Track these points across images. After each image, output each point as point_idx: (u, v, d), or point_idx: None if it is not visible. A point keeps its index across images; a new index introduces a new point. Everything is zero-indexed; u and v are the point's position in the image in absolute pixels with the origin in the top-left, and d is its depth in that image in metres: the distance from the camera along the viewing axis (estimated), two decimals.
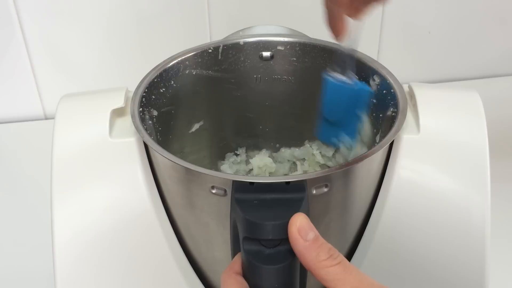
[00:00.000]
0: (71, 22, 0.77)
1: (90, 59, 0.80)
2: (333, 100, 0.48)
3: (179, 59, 0.51)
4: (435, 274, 0.47)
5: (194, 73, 0.53)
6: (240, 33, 0.55)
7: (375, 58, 0.51)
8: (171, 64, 0.51)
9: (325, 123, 0.49)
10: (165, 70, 0.51)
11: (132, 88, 0.49)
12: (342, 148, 0.49)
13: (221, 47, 0.53)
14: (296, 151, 0.58)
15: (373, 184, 0.47)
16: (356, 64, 0.47)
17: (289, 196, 0.38)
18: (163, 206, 0.48)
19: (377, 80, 0.49)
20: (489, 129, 0.47)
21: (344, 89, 0.47)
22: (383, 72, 0.49)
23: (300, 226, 0.35)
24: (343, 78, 0.47)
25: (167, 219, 0.48)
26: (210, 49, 0.53)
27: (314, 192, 0.40)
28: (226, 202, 0.40)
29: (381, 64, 0.50)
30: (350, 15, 0.44)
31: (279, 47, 0.54)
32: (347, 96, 0.47)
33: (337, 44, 0.52)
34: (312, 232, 0.35)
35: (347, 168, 0.41)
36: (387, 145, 0.43)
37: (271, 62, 0.54)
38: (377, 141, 0.49)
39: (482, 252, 0.46)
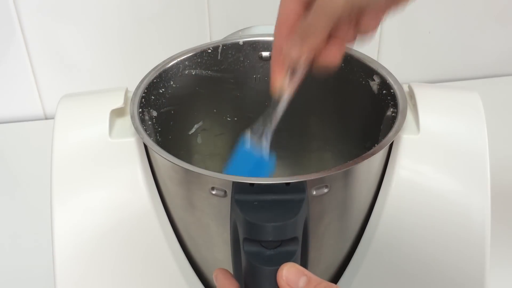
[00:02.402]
0: (71, 22, 0.77)
1: (90, 59, 0.80)
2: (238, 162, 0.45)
3: (178, 59, 0.51)
4: (435, 274, 0.47)
5: (193, 73, 0.53)
6: (240, 33, 0.55)
7: (375, 58, 0.51)
8: (170, 64, 0.51)
9: None
10: (164, 71, 0.51)
11: (132, 88, 0.49)
12: None
13: (220, 47, 0.53)
14: None
15: (373, 185, 0.47)
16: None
17: (289, 197, 0.38)
18: (163, 206, 0.48)
19: (377, 80, 0.49)
20: (489, 129, 0.47)
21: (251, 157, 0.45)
22: (383, 72, 0.49)
23: (286, 277, 0.35)
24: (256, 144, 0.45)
25: (167, 220, 0.48)
26: (209, 49, 0.53)
27: (314, 193, 0.40)
28: (226, 203, 0.40)
29: (381, 64, 0.50)
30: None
31: None
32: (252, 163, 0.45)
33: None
34: (303, 277, 0.35)
35: (347, 168, 0.41)
36: (387, 146, 0.43)
37: None
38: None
39: (482, 252, 0.46)
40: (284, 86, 0.43)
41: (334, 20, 0.38)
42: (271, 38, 0.54)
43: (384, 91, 0.49)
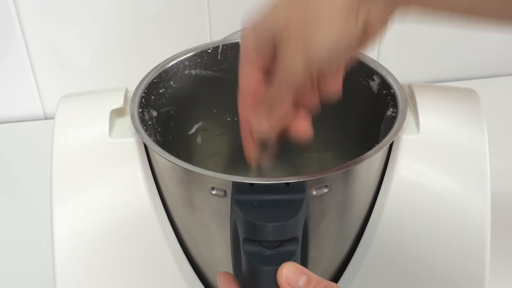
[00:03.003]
0: (71, 22, 0.77)
1: (90, 59, 0.80)
2: None
3: (178, 59, 0.51)
4: (435, 274, 0.47)
5: (193, 73, 0.53)
6: (240, 33, 0.55)
7: (375, 58, 0.51)
8: (170, 64, 0.51)
9: None
10: (164, 71, 0.51)
11: (132, 88, 0.49)
12: None
13: (220, 47, 0.53)
14: None
15: (373, 185, 0.47)
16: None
17: (289, 197, 0.38)
18: (163, 206, 0.48)
19: (377, 80, 0.49)
20: (489, 129, 0.47)
21: None
22: (383, 72, 0.49)
23: (286, 276, 0.35)
24: None
25: (167, 220, 0.48)
26: (209, 49, 0.53)
27: (314, 193, 0.40)
28: (226, 203, 0.40)
29: (381, 64, 0.50)
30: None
31: None
32: None
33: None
34: (303, 276, 0.35)
35: (347, 168, 0.41)
36: (387, 146, 0.43)
37: None
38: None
39: (482, 252, 0.46)
40: (258, 156, 0.43)
41: (296, 88, 0.38)
42: None
43: (384, 91, 0.49)
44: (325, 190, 0.41)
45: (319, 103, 0.41)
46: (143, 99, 0.48)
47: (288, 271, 0.35)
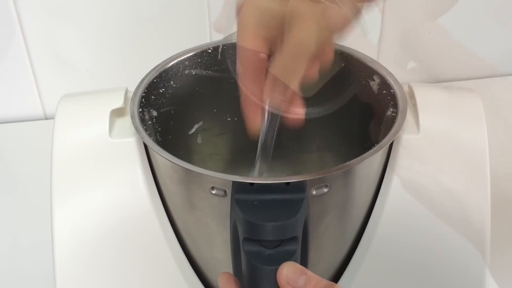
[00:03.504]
0: (71, 22, 0.77)
1: (90, 59, 0.80)
2: None
3: (178, 59, 0.51)
4: (434, 274, 0.47)
5: (193, 73, 0.53)
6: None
7: (375, 58, 0.51)
8: (170, 64, 0.51)
9: None
10: (164, 70, 0.51)
11: (132, 88, 0.49)
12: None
13: (220, 47, 0.53)
14: None
15: (373, 184, 0.47)
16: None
17: (289, 197, 0.38)
18: (163, 206, 0.48)
19: (377, 80, 0.49)
20: (488, 129, 0.47)
21: None
22: (383, 72, 0.49)
23: (286, 276, 0.35)
24: None
25: (167, 220, 0.48)
26: (209, 49, 0.53)
27: (314, 192, 0.40)
28: (226, 202, 0.40)
29: (381, 64, 0.50)
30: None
31: None
32: None
33: (336, 44, 0.52)
34: (303, 276, 0.35)
35: (347, 168, 0.41)
36: (387, 146, 0.43)
37: None
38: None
39: (482, 252, 0.46)
40: (260, 127, 0.43)
41: (310, 56, 0.38)
42: None
43: (384, 91, 0.49)
44: (325, 190, 0.41)
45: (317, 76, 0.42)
46: (143, 99, 0.48)
47: (288, 271, 0.35)
